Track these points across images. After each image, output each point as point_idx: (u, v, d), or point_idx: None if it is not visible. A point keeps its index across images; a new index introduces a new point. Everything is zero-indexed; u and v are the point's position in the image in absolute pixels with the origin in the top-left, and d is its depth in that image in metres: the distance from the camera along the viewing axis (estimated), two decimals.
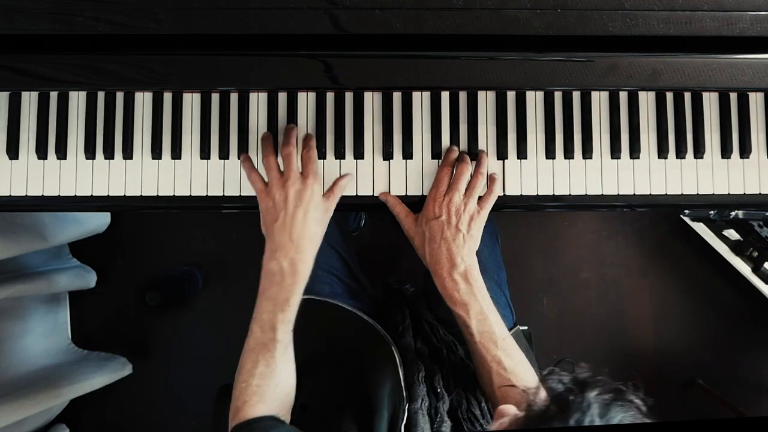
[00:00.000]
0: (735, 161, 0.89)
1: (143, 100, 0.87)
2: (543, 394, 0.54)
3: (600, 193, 0.89)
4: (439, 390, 0.80)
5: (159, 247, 1.69)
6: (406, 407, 0.78)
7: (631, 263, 1.76)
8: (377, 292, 1.10)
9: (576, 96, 0.89)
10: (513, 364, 0.79)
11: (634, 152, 0.88)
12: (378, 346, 0.87)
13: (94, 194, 0.87)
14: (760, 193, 0.89)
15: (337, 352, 0.92)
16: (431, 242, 0.83)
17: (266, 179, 0.83)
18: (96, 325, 1.65)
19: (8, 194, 0.86)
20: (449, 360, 0.88)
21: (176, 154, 0.87)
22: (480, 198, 0.85)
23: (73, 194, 0.87)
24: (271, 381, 0.77)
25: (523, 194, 0.88)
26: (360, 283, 1.05)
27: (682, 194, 0.89)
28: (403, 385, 0.80)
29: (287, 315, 0.78)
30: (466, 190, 0.84)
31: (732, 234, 1.68)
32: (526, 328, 1.08)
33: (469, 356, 0.86)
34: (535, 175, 0.88)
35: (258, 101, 0.88)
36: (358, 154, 0.88)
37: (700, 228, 1.69)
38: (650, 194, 0.89)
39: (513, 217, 1.72)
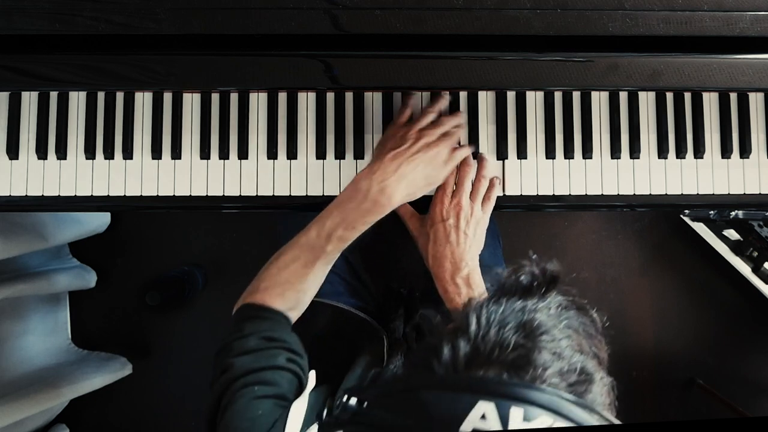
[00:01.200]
0: (735, 161, 0.89)
1: (143, 100, 0.87)
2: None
3: (600, 193, 0.89)
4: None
5: (159, 247, 1.69)
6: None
7: (631, 263, 1.76)
8: (378, 291, 1.10)
9: (576, 96, 0.89)
10: None
11: (634, 152, 0.88)
12: (369, 337, 0.87)
13: (94, 194, 0.87)
14: (760, 193, 0.89)
15: (329, 344, 0.93)
16: (435, 244, 0.82)
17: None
18: (96, 325, 1.65)
19: (8, 194, 0.86)
20: None
21: (176, 154, 0.87)
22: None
23: (73, 194, 0.87)
24: (299, 284, 0.76)
25: (523, 194, 0.88)
26: (362, 281, 1.05)
27: (682, 194, 0.89)
28: (385, 356, 0.80)
29: (347, 235, 0.76)
30: (471, 193, 0.84)
31: (732, 234, 1.68)
32: None
33: None
34: (535, 175, 0.88)
35: (258, 101, 0.88)
36: (358, 154, 0.88)
37: (700, 228, 1.69)
38: (650, 194, 0.89)
39: (513, 217, 1.72)
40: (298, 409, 0.63)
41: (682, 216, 1.68)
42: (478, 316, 0.45)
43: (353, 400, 0.46)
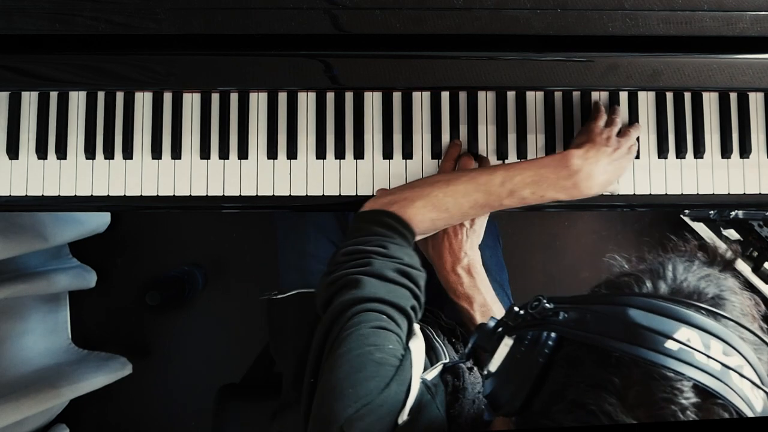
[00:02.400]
0: (735, 161, 0.89)
1: (143, 100, 0.87)
2: None
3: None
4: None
5: (159, 247, 1.69)
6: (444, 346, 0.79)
7: None
8: None
9: (576, 96, 0.89)
10: None
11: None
12: None
13: (94, 194, 0.87)
14: (760, 193, 0.89)
15: None
16: (434, 237, 0.83)
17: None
18: (96, 325, 1.65)
19: (8, 194, 0.86)
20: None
21: (176, 154, 0.87)
22: None
23: (73, 194, 0.87)
24: (455, 218, 0.75)
25: None
26: None
27: (682, 194, 0.89)
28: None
29: (530, 199, 0.74)
30: None
31: (732, 234, 1.68)
32: None
33: None
34: None
35: (258, 101, 0.88)
36: (358, 154, 0.88)
37: (700, 228, 1.69)
38: (650, 194, 0.89)
39: (513, 217, 1.72)
40: (418, 349, 0.61)
41: (682, 216, 1.68)
42: (674, 266, 0.49)
43: (550, 305, 0.49)
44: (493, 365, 0.50)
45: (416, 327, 0.65)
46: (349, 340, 0.58)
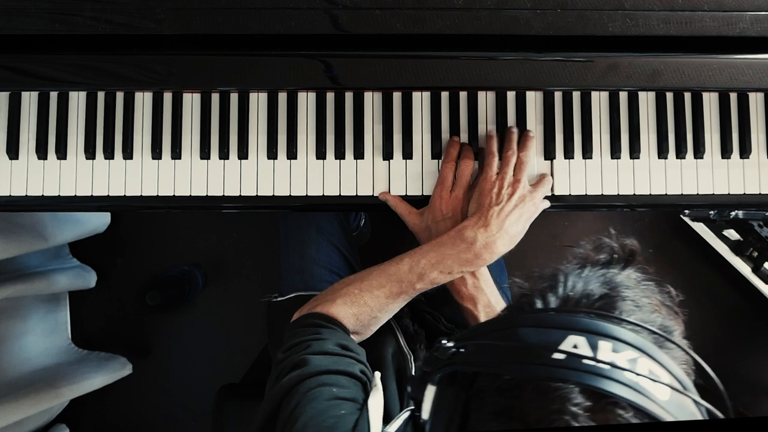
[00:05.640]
0: (735, 161, 0.89)
1: (143, 100, 0.87)
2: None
3: (600, 193, 0.89)
4: None
5: (159, 247, 1.69)
6: (412, 362, 0.80)
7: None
8: None
9: (576, 96, 0.89)
10: None
11: (634, 152, 0.88)
12: (384, 335, 0.88)
13: (94, 194, 0.87)
14: (760, 193, 0.89)
15: None
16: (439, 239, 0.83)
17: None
18: (96, 325, 1.65)
19: (8, 194, 0.86)
20: None
21: (176, 154, 0.87)
22: None
23: (73, 194, 0.87)
24: (377, 311, 0.76)
25: None
26: None
27: (682, 194, 0.89)
28: (405, 347, 0.81)
29: (440, 278, 0.77)
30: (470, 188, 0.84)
31: (732, 234, 1.68)
32: None
33: None
34: (535, 175, 0.88)
35: (258, 101, 0.88)
36: (358, 154, 0.88)
37: (700, 228, 1.69)
38: (650, 194, 0.89)
39: None
40: (376, 406, 0.63)
41: (682, 216, 1.68)
42: (565, 279, 0.49)
43: (451, 344, 0.49)
44: (425, 413, 0.50)
45: (377, 377, 0.67)
46: (304, 418, 0.60)
